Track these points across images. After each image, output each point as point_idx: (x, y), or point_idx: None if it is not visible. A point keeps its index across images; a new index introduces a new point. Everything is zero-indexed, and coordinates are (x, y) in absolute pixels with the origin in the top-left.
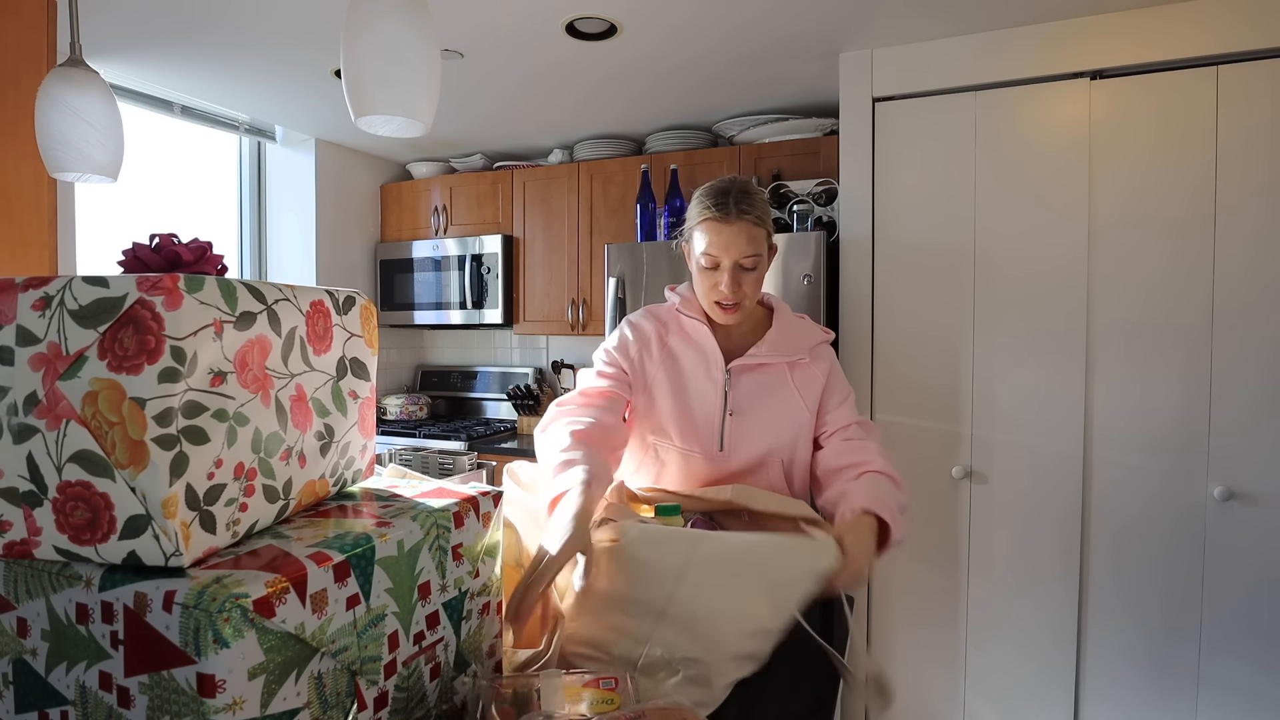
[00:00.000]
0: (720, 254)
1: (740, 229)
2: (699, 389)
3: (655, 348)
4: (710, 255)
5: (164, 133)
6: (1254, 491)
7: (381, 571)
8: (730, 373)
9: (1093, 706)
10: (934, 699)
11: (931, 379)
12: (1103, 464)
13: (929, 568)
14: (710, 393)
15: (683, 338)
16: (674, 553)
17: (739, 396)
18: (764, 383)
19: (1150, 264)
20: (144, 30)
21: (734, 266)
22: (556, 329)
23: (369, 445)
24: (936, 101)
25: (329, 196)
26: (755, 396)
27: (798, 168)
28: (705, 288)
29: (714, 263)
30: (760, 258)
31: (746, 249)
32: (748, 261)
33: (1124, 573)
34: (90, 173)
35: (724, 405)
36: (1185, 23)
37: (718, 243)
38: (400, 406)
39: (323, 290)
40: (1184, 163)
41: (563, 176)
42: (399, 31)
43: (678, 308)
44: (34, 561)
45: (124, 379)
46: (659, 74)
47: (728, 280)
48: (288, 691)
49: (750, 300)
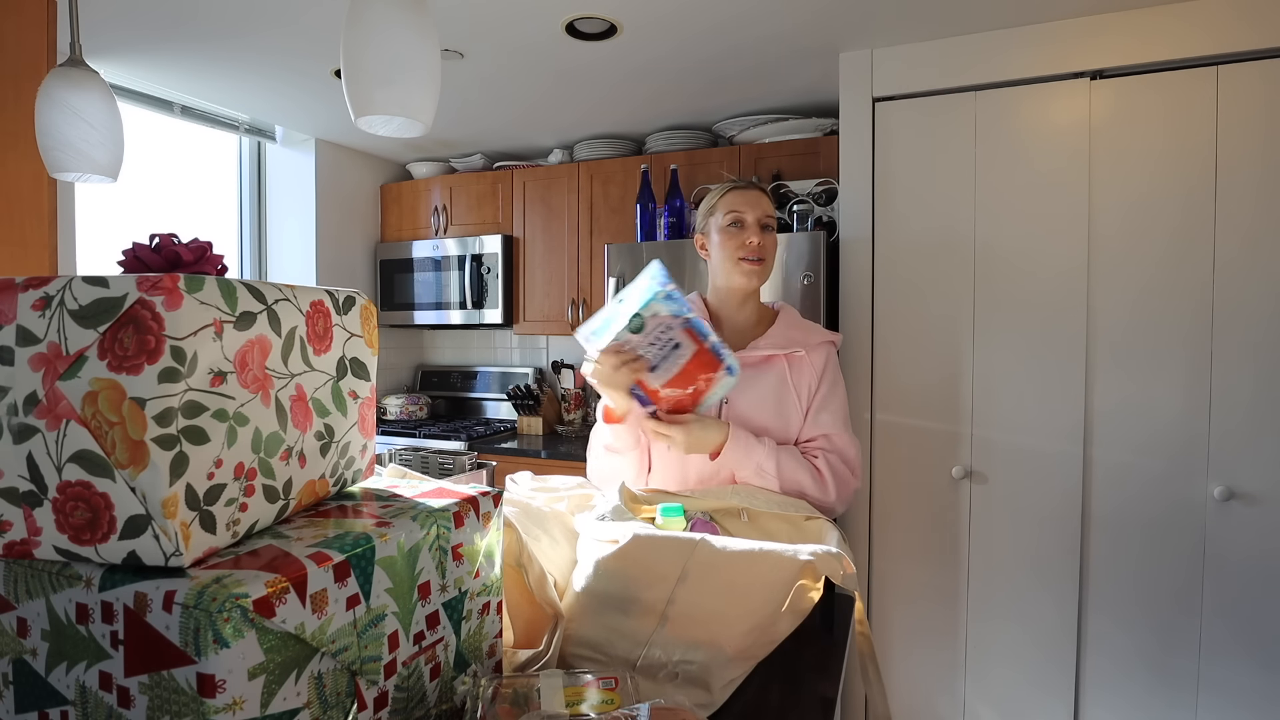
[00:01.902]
0: (746, 210)
1: (759, 197)
2: None
3: None
4: (736, 213)
5: (164, 133)
6: (1254, 491)
7: (381, 571)
8: None
9: (1093, 706)
10: (934, 699)
11: (931, 379)
12: (1103, 464)
13: (929, 567)
14: None
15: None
16: (673, 555)
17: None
18: (761, 377)
19: (1150, 263)
20: (144, 30)
21: (757, 223)
22: (556, 329)
23: (369, 445)
24: (936, 101)
25: (329, 196)
26: (752, 390)
27: (798, 168)
28: (732, 248)
29: (740, 220)
30: (774, 226)
31: (768, 209)
32: (769, 220)
33: (1124, 572)
34: (90, 173)
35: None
36: (1185, 22)
37: (743, 201)
38: (400, 406)
39: (323, 290)
40: (1184, 162)
41: (563, 176)
42: (399, 31)
43: None
44: (34, 561)
45: (124, 379)
46: (659, 74)
47: (756, 234)
48: (288, 691)
49: (770, 260)
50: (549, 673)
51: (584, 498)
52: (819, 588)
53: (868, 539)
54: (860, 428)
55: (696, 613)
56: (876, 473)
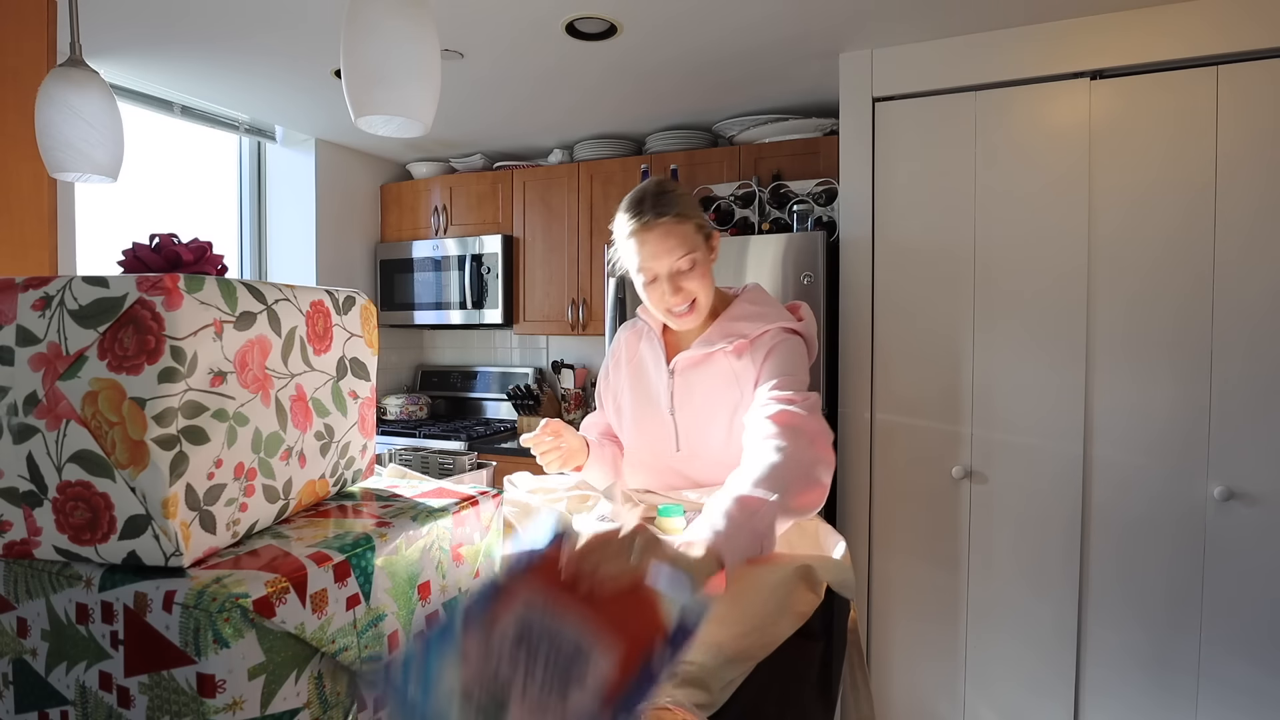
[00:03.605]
0: (652, 264)
1: (664, 232)
2: (654, 391)
3: (624, 360)
4: (645, 269)
5: (164, 133)
6: (1254, 491)
7: (381, 571)
8: (673, 371)
9: (1093, 706)
10: (934, 699)
11: (931, 379)
12: (1103, 463)
13: (929, 567)
14: (662, 392)
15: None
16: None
17: (683, 394)
18: (706, 377)
19: (1150, 263)
20: (144, 30)
21: (670, 274)
22: (556, 329)
23: (369, 445)
24: (936, 101)
25: (329, 196)
26: (698, 392)
27: (798, 168)
28: (653, 301)
29: (651, 275)
30: (695, 255)
31: (677, 251)
32: (683, 264)
33: (1124, 572)
34: (90, 173)
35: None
36: (1185, 22)
37: (646, 253)
38: (400, 406)
39: (323, 290)
40: (1184, 162)
41: (563, 176)
42: (399, 31)
43: (639, 310)
44: (34, 561)
45: (124, 379)
46: (659, 74)
47: (670, 289)
48: (288, 691)
49: (704, 298)
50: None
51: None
52: (820, 592)
53: (868, 539)
54: (860, 428)
55: None
56: (876, 472)
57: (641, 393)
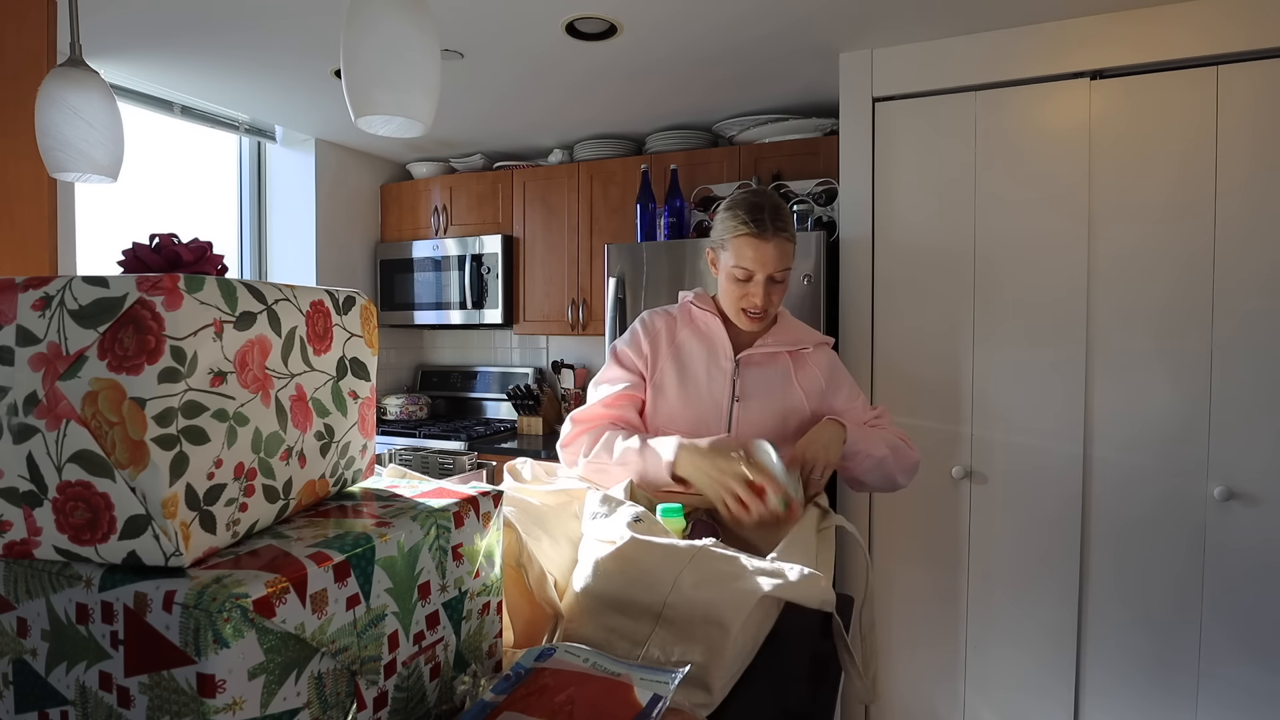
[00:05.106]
0: (756, 268)
1: (776, 245)
2: (709, 377)
3: (665, 342)
4: (745, 269)
5: (164, 133)
6: (1254, 491)
7: (381, 571)
8: (739, 362)
9: (1093, 706)
10: (934, 698)
11: (931, 379)
12: (1103, 464)
13: (929, 567)
14: (720, 380)
15: (692, 330)
16: (671, 560)
17: (746, 384)
18: (769, 374)
19: (1150, 264)
20: (144, 30)
21: (767, 280)
22: (556, 329)
23: (369, 445)
24: (936, 101)
25: (329, 196)
26: (761, 386)
27: (798, 168)
28: (734, 296)
29: (748, 275)
30: (789, 271)
31: (780, 264)
32: (779, 275)
33: (1124, 572)
34: (90, 173)
35: (732, 392)
36: (1185, 23)
37: (754, 258)
38: (400, 406)
39: (323, 290)
40: (1184, 161)
41: (563, 176)
42: (399, 31)
43: (691, 302)
44: (34, 561)
45: (124, 379)
46: (659, 74)
47: (760, 292)
48: (288, 691)
49: (775, 309)
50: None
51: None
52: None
53: (868, 539)
54: None
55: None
56: None
57: (688, 377)
